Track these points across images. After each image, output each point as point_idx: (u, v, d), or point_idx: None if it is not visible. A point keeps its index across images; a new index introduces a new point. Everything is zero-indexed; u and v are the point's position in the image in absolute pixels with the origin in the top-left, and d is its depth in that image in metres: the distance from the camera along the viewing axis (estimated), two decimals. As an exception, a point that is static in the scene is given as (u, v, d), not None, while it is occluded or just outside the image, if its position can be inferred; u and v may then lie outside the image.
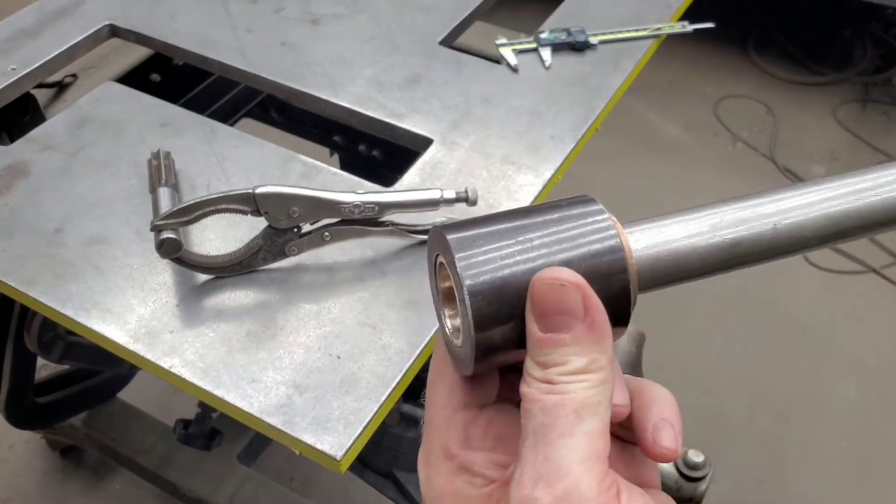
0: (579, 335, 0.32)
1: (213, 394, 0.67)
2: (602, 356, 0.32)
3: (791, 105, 2.76)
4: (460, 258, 0.32)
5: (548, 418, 0.31)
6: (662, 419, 0.34)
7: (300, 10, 1.10)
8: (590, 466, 0.30)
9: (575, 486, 0.30)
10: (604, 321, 0.32)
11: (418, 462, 0.37)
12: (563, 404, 0.31)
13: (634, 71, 1.02)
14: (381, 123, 0.94)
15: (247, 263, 0.75)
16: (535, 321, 0.32)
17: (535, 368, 0.32)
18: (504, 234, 0.33)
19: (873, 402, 1.94)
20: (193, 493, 1.43)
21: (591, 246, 0.33)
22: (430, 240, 0.35)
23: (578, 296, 0.32)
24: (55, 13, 1.08)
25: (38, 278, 0.76)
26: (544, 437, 0.31)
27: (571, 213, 0.34)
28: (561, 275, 0.32)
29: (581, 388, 0.31)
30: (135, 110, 0.95)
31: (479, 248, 0.32)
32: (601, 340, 0.32)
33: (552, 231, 0.33)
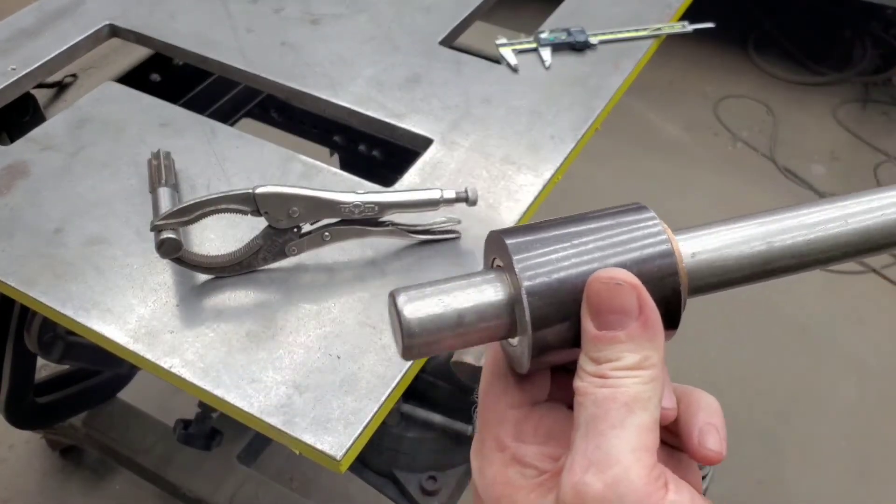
0: (633, 333, 0.33)
1: (213, 394, 0.67)
2: (654, 354, 0.33)
3: (791, 105, 2.76)
4: (518, 260, 0.33)
5: (600, 410, 0.32)
6: (708, 423, 0.36)
7: (300, 10, 1.10)
8: (639, 457, 0.31)
9: (624, 473, 0.31)
10: (657, 320, 0.34)
11: (471, 455, 0.38)
12: (615, 397, 0.32)
13: (634, 71, 1.02)
14: (381, 123, 0.94)
15: (247, 263, 0.76)
16: (590, 319, 0.33)
17: (589, 364, 0.33)
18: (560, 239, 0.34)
19: (873, 402, 1.94)
20: (193, 493, 1.43)
21: (644, 250, 0.34)
22: (488, 243, 0.37)
23: (633, 295, 0.33)
24: (55, 13, 1.08)
25: (38, 278, 0.76)
26: (596, 427, 0.32)
27: (625, 219, 0.35)
28: (617, 275, 0.33)
29: (633, 382, 0.32)
30: (135, 110, 0.95)
31: (536, 251, 0.33)
32: (654, 339, 0.33)
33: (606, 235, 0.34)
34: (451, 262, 0.78)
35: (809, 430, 1.88)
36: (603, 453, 0.31)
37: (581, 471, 0.32)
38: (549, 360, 0.35)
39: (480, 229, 0.81)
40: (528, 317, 0.33)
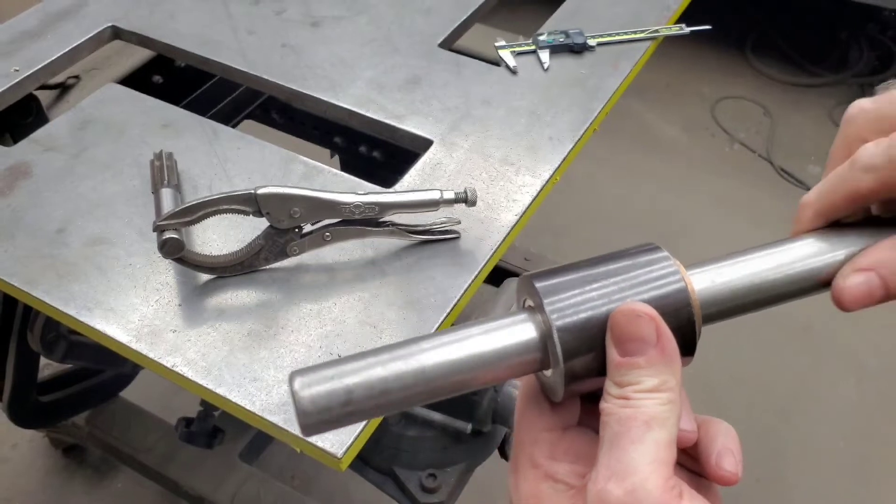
0: (652, 359, 0.37)
1: (215, 392, 0.68)
2: (671, 378, 0.37)
3: (788, 106, 2.77)
4: (548, 303, 0.37)
5: (622, 427, 0.36)
6: (725, 447, 0.39)
7: (301, 12, 1.11)
8: (656, 468, 0.34)
9: (642, 482, 0.34)
10: (673, 348, 0.37)
11: (508, 473, 0.42)
12: (636, 416, 0.36)
13: (632, 72, 1.03)
14: (382, 125, 0.95)
15: (248, 263, 0.76)
16: (614, 347, 0.37)
17: (613, 388, 0.37)
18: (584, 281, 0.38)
19: (872, 402, 1.94)
20: (195, 491, 1.43)
21: (660, 289, 0.38)
22: (519, 286, 0.41)
23: (652, 325, 0.37)
24: (58, 15, 1.08)
25: (40, 278, 0.77)
26: (618, 442, 0.35)
27: (640, 260, 0.39)
28: (637, 307, 0.37)
29: (652, 403, 0.36)
30: (137, 112, 0.96)
31: (564, 293, 0.38)
32: (671, 364, 0.37)
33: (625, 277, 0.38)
34: (450, 263, 0.78)
35: (809, 429, 1.89)
36: (623, 465, 0.35)
37: (603, 480, 0.35)
38: (579, 388, 0.39)
39: (480, 230, 0.82)
40: (560, 351, 0.37)
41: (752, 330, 2.07)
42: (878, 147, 0.38)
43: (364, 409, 0.36)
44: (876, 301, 0.39)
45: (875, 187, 0.39)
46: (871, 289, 0.39)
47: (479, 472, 1.19)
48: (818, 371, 2.01)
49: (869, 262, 0.39)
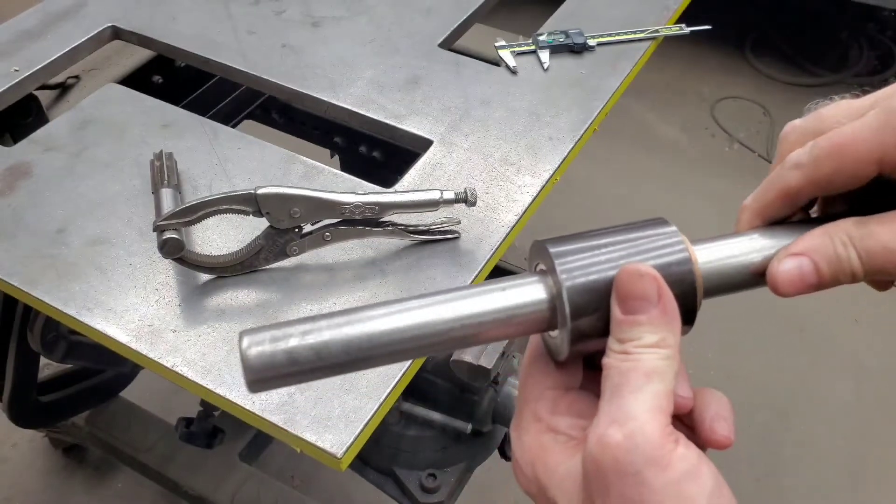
0: (653, 317, 0.39)
1: (214, 392, 0.68)
2: (671, 336, 0.39)
3: (788, 106, 2.77)
4: (559, 264, 0.39)
5: (622, 379, 0.38)
6: (718, 414, 0.41)
7: (301, 12, 1.11)
8: (654, 415, 0.36)
9: (640, 427, 0.36)
10: (674, 308, 0.39)
11: (511, 428, 0.44)
12: (636, 368, 0.38)
13: (632, 72, 1.03)
14: (382, 125, 0.95)
15: (248, 263, 0.76)
16: (617, 305, 0.39)
17: (616, 343, 0.39)
18: (594, 247, 0.40)
19: (870, 402, 1.95)
20: (195, 491, 1.44)
21: (666, 257, 0.40)
22: (532, 251, 0.43)
23: (654, 285, 0.39)
24: (58, 15, 1.08)
25: (40, 278, 0.77)
26: (618, 392, 0.37)
27: (649, 232, 0.41)
28: (640, 267, 0.39)
29: (651, 357, 0.38)
30: (137, 112, 0.96)
31: (575, 256, 0.40)
32: (671, 323, 0.39)
33: (633, 245, 0.40)
34: (450, 263, 0.78)
35: (807, 429, 1.89)
36: (623, 412, 0.37)
37: (604, 426, 0.37)
38: (583, 348, 0.41)
39: (480, 230, 0.82)
40: (568, 310, 0.39)
41: (750, 329, 2.07)
42: (804, 148, 0.41)
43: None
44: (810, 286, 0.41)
45: (802, 183, 0.41)
46: (802, 273, 0.41)
47: (479, 472, 1.19)
48: (817, 371, 2.01)
49: (801, 248, 0.41)
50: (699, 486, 0.36)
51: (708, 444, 0.41)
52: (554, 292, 0.40)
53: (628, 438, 0.36)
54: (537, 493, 0.41)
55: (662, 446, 0.36)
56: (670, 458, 0.36)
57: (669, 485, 0.35)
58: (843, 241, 0.40)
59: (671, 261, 0.40)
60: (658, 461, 0.36)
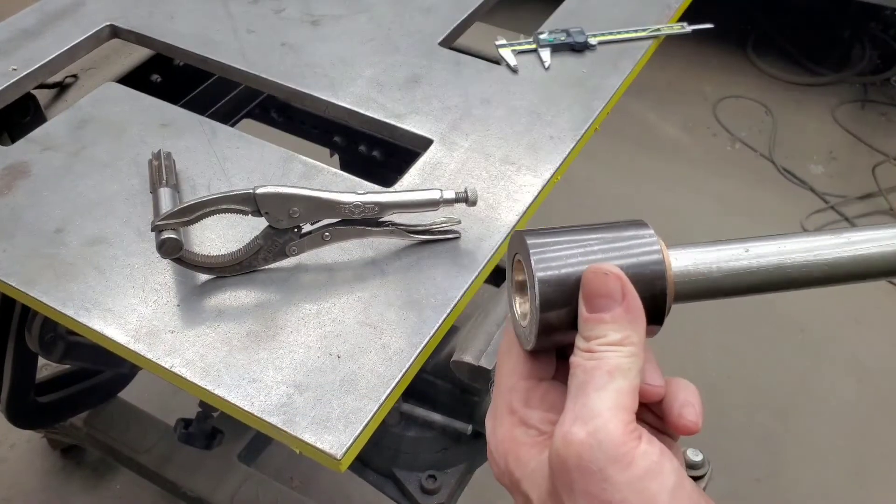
0: (617, 315, 0.40)
1: (213, 393, 0.68)
2: (634, 334, 0.40)
3: (790, 105, 2.76)
4: (534, 254, 0.40)
5: (587, 377, 0.39)
6: (687, 401, 0.43)
7: (300, 10, 1.10)
8: (616, 413, 0.37)
9: (603, 425, 0.37)
10: (638, 307, 0.40)
11: (486, 418, 0.46)
12: (599, 367, 0.39)
13: (633, 71, 1.03)
14: (381, 124, 0.94)
15: (247, 263, 0.76)
16: (584, 304, 0.40)
17: (581, 341, 0.40)
18: (571, 242, 0.41)
19: (871, 403, 1.94)
20: (194, 492, 1.43)
21: (639, 257, 0.41)
22: (512, 241, 0.44)
23: (618, 284, 0.40)
24: (56, 14, 1.08)
25: (38, 278, 0.76)
26: (583, 390, 0.39)
27: (627, 232, 0.42)
28: (605, 267, 0.40)
29: (615, 355, 0.39)
30: (135, 111, 0.96)
31: (550, 249, 0.41)
32: (634, 322, 0.40)
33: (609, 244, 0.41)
34: (451, 263, 0.78)
35: (808, 429, 1.89)
36: (587, 410, 0.38)
37: (569, 424, 0.38)
38: (552, 339, 0.42)
39: (480, 229, 0.81)
40: (538, 300, 0.40)
41: (750, 330, 2.07)
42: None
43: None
44: None
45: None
46: None
47: (480, 474, 1.19)
48: (817, 371, 2.01)
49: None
50: (661, 482, 0.37)
51: (676, 429, 0.43)
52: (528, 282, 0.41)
53: (591, 436, 0.37)
54: (511, 486, 0.43)
55: (625, 443, 0.37)
56: (633, 455, 0.37)
57: (632, 481, 0.36)
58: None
59: (644, 262, 0.41)
60: (620, 459, 0.36)
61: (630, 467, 0.36)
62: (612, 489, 0.36)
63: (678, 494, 0.37)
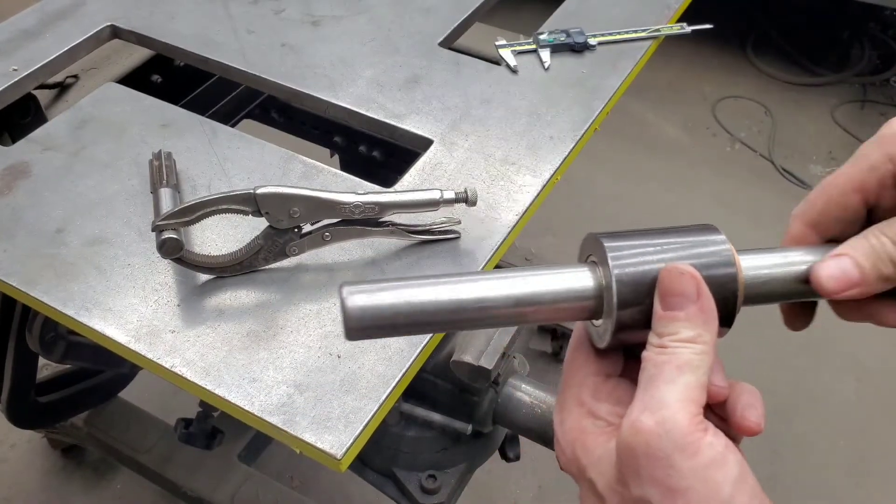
0: (691, 314, 0.41)
1: (214, 393, 0.68)
2: (706, 333, 0.41)
3: (789, 106, 2.77)
4: (612, 257, 0.42)
5: (657, 370, 0.40)
6: (750, 403, 0.43)
7: (300, 11, 1.11)
8: (684, 405, 0.38)
9: (672, 415, 0.38)
10: (711, 308, 0.41)
11: (554, 411, 0.47)
12: (670, 361, 0.40)
13: (633, 72, 1.03)
14: (382, 124, 0.94)
15: (248, 263, 0.76)
16: (658, 301, 0.41)
17: (654, 337, 0.41)
18: (646, 245, 0.43)
19: (871, 402, 1.94)
20: (194, 492, 1.43)
21: (711, 259, 0.43)
22: (584, 243, 0.45)
23: (693, 284, 0.41)
24: (56, 14, 1.08)
25: (39, 278, 0.77)
26: (653, 382, 0.40)
27: (699, 237, 0.43)
28: (681, 266, 0.41)
29: (686, 351, 0.40)
30: (136, 111, 0.96)
31: (626, 251, 0.42)
32: (708, 321, 0.41)
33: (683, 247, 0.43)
34: (450, 263, 0.78)
35: (808, 429, 1.89)
36: (656, 400, 0.39)
37: (638, 412, 0.39)
38: (624, 338, 0.43)
39: (480, 229, 0.81)
40: (615, 300, 0.41)
41: (751, 330, 2.06)
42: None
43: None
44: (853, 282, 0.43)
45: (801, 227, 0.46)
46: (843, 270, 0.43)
47: (480, 474, 1.19)
48: (818, 371, 2.01)
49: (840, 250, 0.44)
50: (725, 472, 0.38)
51: (739, 430, 0.44)
52: (602, 282, 0.43)
53: (659, 424, 0.38)
54: (577, 473, 0.44)
55: (691, 433, 0.38)
56: (699, 445, 0.38)
57: (697, 470, 0.37)
58: (875, 234, 0.43)
59: (716, 263, 0.42)
60: (686, 447, 0.37)
61: (696, 456, 0.37)
62: (677, 476, 0.37)
63: (741, 486, 0.38)
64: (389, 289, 0.41)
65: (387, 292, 0.41)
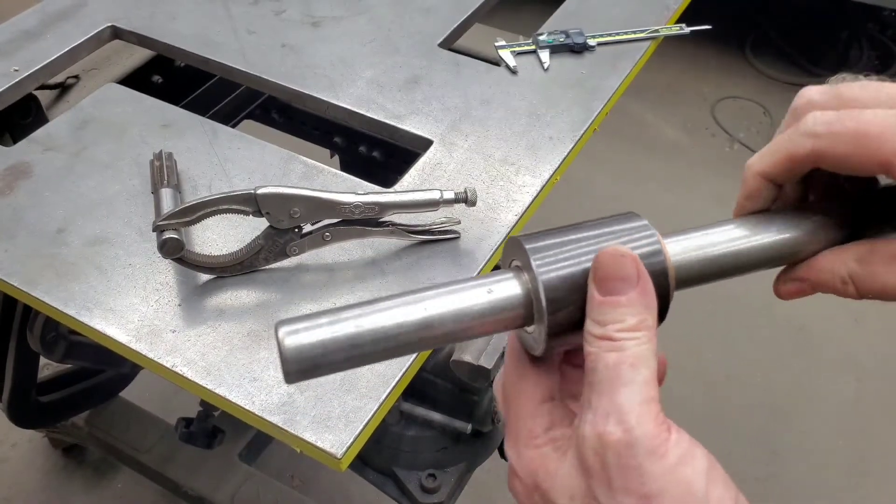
0: (633, 298, 0.39)
1: (214, 392, 0.68)
2: (650, 317, 0.39)
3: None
4: (535, 258, 0.40)
5: (612, 372, 0.38)
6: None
7: (301, 12, 1.11)
8: (647, 407, 0.38)
9: (637, 421, 0.37)
10: (652, 290, 0.40)
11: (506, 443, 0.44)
12: (623, 360, 0.38)
13: (632, 72, 1.03)
14: (382, 125, 0.95)
15: (248, 263, 0.76)
16: (595, 287, 0.39)
17: (595, 327, 0.39)
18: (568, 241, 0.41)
19: (870, 402, 1.94)
20: (195, 492, 1.44)
21: (639, 249, 0.41)
22: (507, 248, 0.43)
23: (634, 266, 0.39)
24: (57, 15, 1.08)
25: (40, 278, 0.77)
26: (610, 386, 0.38)
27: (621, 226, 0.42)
28: (621, 248, 0.40)
29: (634, 343, 0.38)
30: (137, 111, 0.96)
31: (549, 251, 0.41)
32: (649, 305, 0.40)
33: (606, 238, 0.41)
34: (450, 262, 0.78)
35: (807, 428, 1.89)
36: (617, 407, 0.37)
37: (602, 422, 0.38)
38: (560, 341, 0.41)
39: (480, 230, 0.81)
40: (545, 304, 0.40)
41: (749, 330, 2.07)
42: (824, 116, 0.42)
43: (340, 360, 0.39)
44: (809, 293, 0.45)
45: (810, 153, 0.42)
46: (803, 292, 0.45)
47: (479, 473, 1.19)
48: (816, 371, 2.01)
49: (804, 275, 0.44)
50: (695, 467, 0.37)
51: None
52: (529, 288, 0.41)
53: (628, 433, 0.37)
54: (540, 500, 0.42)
55: (658, 435, 0.37)
56: (666, 446, 0.37)
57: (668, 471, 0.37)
58: (843, 279, 0.42)
59: (644, 252, 0.41)
60: (656, 450, 0.37)
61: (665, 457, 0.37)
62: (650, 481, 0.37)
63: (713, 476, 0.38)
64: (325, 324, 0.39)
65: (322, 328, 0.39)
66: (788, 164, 0.43)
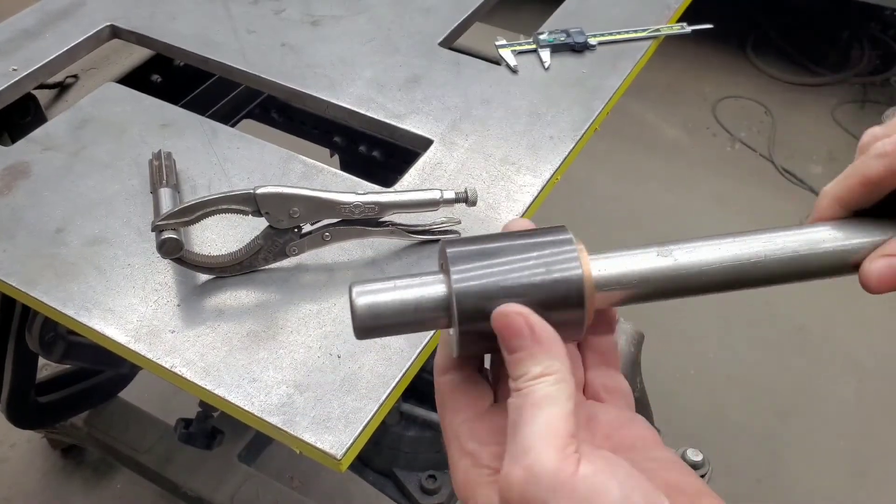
0: (531, 350, 0.40)
1: (213, 393, 0.68)
2: (554, 362, 0.40)
3: (789, 106, 2.77)
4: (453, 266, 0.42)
5: (516, 415, 0.39)
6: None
7: (300, 11, 1.11)
8: (548, 442, 0.37)
9: (536, 457, 0.37)
10: (548, 336, 0.41)
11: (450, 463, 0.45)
12: (526, 402, 0.39)
13: (633, 72, 1.03)
14: (382, 124, 0.94)
15: (248, 263, 0.76)
16: (503, 347, 0.41)
17: (511, 381, 0.41)
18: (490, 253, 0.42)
19: (870, 402, 1.94)
20: (194, 492, 1.43)
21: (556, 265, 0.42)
22: (439, 250, 0.44)
23: (522, 320, 0.40)
24: (56, 14, 1.08)
25: (39, 278, 0.77)
26: (516, 428, 0.39)
27: (545, 239, 0.43)
28: (507, 308, 0.41)
29: (539, 387, 0.39)
30: (136, 111, 0.96)
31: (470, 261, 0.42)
32: (550, 350, 0.40)
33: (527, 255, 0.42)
34: (450, 262, 0.78)
35: (807, 429, 1.89)
36: (520, 447, 0.38)
37: (507, 465, 0.38)
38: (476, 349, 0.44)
39: (480, 229, 0.81)
40: (456, 312, 0.41)
41: (749, 330, 2.07)
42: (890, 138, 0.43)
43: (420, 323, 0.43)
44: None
45: (884, 173, 0.42)
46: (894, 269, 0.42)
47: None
48: (816, 371, 2.01)
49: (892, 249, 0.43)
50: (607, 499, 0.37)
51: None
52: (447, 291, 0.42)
53: (527, 471, 0.37)
54: None
55: (562, 471, 0.37)
56: (573, 482, 0.36)
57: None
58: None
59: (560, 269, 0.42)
60: (560, 488, 0.36)
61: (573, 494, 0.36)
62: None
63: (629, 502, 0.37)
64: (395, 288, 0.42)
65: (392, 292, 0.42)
66: (862, 187, 0.44)
